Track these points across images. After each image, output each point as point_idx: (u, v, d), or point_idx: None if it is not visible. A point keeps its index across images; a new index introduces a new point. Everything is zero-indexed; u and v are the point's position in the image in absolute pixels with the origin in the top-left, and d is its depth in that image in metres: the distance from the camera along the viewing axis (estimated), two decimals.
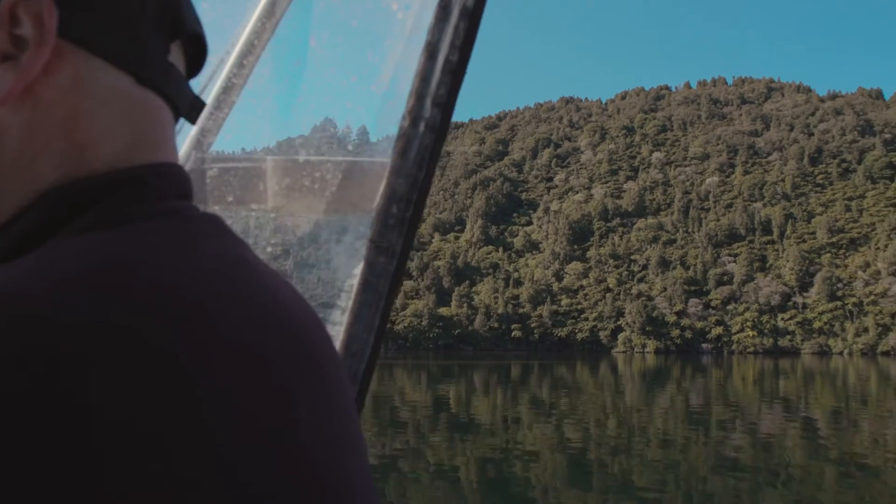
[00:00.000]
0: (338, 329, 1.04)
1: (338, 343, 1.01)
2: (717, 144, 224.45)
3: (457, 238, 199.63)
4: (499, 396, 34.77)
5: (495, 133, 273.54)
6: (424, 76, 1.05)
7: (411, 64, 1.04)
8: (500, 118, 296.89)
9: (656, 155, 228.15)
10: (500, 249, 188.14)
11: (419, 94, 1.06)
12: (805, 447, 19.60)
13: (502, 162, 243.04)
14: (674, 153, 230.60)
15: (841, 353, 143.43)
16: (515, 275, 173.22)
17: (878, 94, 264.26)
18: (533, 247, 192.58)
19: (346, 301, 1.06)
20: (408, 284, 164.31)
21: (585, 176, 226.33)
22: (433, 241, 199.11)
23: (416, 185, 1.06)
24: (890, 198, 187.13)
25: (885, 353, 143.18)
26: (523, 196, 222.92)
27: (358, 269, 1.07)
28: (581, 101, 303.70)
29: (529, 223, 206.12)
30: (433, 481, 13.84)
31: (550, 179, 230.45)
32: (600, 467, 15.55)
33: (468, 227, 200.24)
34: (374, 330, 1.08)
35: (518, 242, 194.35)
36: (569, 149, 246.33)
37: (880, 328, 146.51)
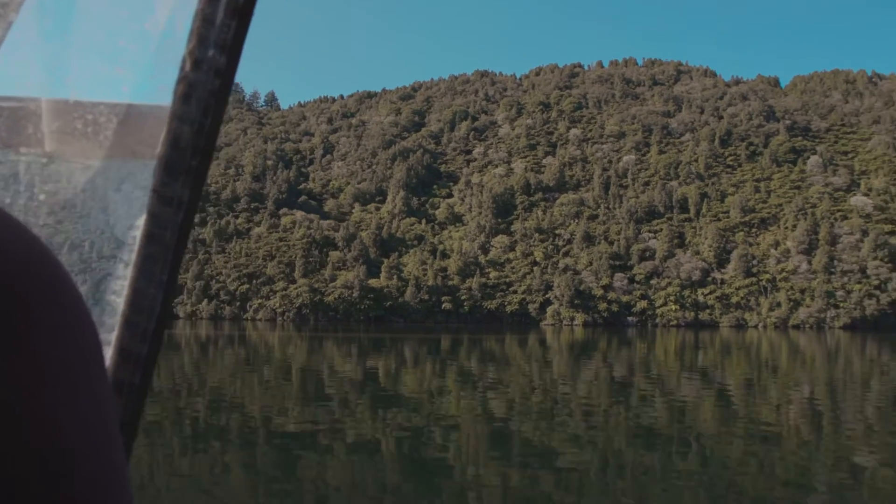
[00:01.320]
0: (121, 283, 0.93)
1: (122, 298, 0.93)
2: (633, 124, 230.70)
3: (378, 209, 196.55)
4: (427, 369, 34.68)
5: (411, 104, 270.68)
6: (206, 17, 0.94)
7: (191, 2, 0.93)
8: (414, 89, 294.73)
9: (573, 132, 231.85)
10: (423, 221, 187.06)
11: (201, 36, 0.94)
12: (718, 415, 20.14)
13: (420, 133, 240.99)
14: (590, 130, 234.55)
15: (756, 327, 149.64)
16: (441, 247, 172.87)
17: (776, 82, 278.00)
18: (456, 219, 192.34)
19: (129, 254, 0.94)
20: (334, 255, 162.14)
21: (504, 150, 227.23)
22: (353, 211, 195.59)
23: (203, 133, 0.95)
24: (794, 181, 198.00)
25: (796, 327, 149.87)
26: (442, 168, 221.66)
27: (140, 221, 0.93)
28: (496, 74, 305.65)
29: (450, 195, 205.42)
30: (351, 455, 13.60)
31: (469, 152, 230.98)
32: (522, 438, 15.59)
33: (389, 198, 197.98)
34: (162, 285, 0.96)
35: (440, 214, 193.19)
36: (486, 122, 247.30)
37: (791, 303, 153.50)
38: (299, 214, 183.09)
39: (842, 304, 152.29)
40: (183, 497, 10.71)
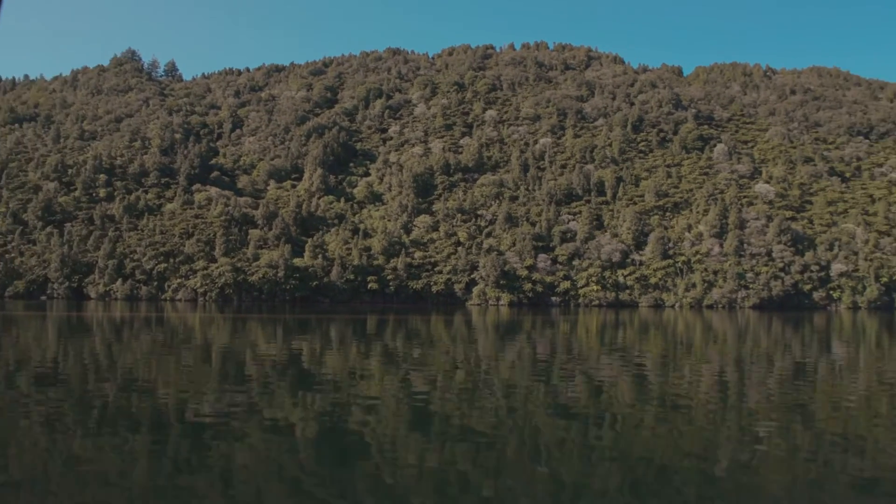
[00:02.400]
0: None
1: None
2: (547, 107, 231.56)
3: (294, 186, 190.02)
4: (352, 349, 34.21)
5: (322, 79, 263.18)
6: None
7: None
8: (325, 64, 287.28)
9: (489, 113, 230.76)
10: (343, 200, 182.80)
11: None
12: (634, 391, 20.51)
13: (333, 110, 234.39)
14: (506, 112, 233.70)
15: (673, 307, 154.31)
16: (361, 226, 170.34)
17: (679, 72, 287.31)
18: (376, 198, 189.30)
19: None
20: (254, 233, 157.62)
21: (420, 129, 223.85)
22: (269, 188, 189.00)
23: None
24: (702, 167, 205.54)
25: (710, 306, 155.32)
26: (358, 146, 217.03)
27: None
28: (409, 53, 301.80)
29: (367, 174, 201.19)
30: (266, 439, 13.20)
31: (385, 131, 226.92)
32: (442, 417, 15.50)
33: (306, 175, 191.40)
34: None
35: (359, 193, 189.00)
36: (400, 101, 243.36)
37: (706, 284, 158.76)
38: (214, 191, 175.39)
39: (751, 286, 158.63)
40: (83, 487, 10.14)
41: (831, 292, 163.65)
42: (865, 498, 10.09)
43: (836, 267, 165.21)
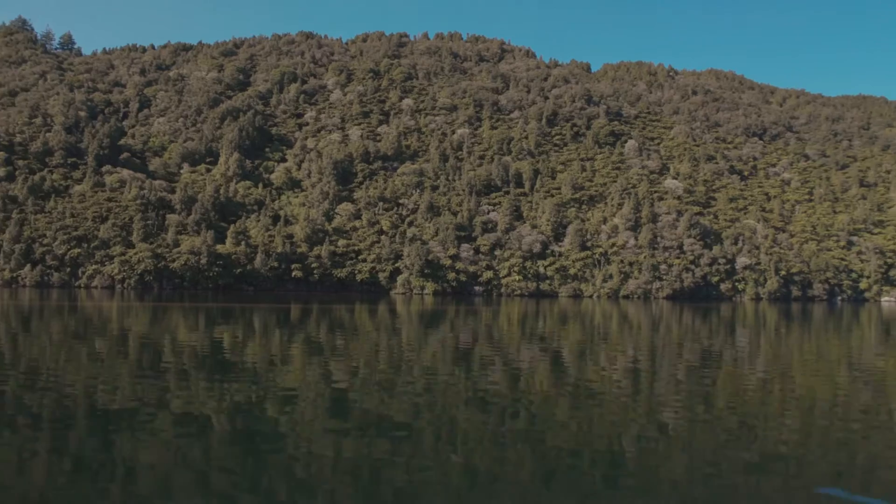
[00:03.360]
0: None
1: None
2: (464, 97, 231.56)
3: (209, 170, 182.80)
4: (274, 338, 33.48)
5: (233, 61, 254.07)
6: None
7: None
8: (236, 45, 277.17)
9: (406, 101, 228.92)
10: (260, 185, 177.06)
11: None
12: (550, 378, 20.69)
13: (246, 93, 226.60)
14: (423, 102, 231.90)
15: (591, 297, 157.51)
16: (281, 213, 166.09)
17: (588, 68, 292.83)
18: (294, 184, 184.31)
19: None
20: (172, 218, 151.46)
21: (337, 116, 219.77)
22: (182, 172, 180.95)
23: None
24: (615, 162, 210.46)
25: (626, 297, 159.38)
26: (273, 131, 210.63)
27: None
28: (322, 37, 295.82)
29: (284, 159, 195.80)
30: (177, 431, 12.66)
31: (300, 116, 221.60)
32: (361, 407, 15.26)
33: (222, 159, 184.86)
34: None
35: (277, 179, 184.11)
36: (315, 86, 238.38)
37: (622, 275, 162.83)
38: (126, 173, 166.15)
39: (664, 277, 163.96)
40: None
41: (736, 284, 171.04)
42: (755, 479, 10.51)
43: (741, 260, 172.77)
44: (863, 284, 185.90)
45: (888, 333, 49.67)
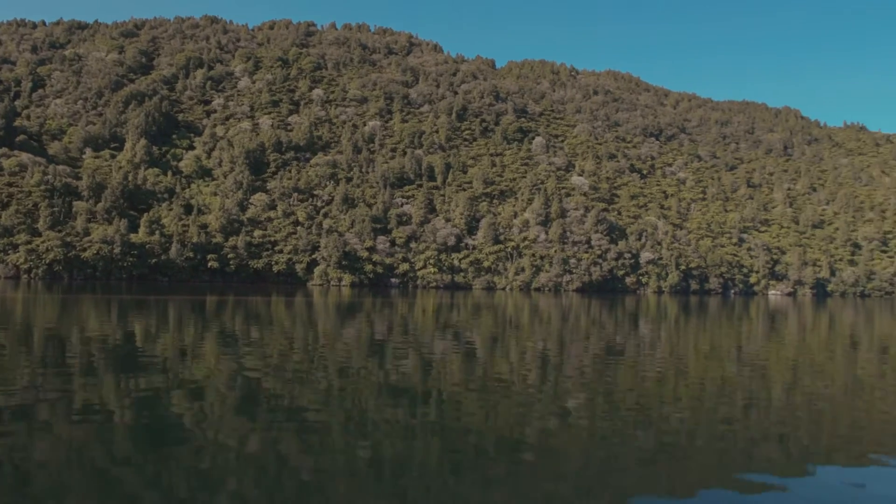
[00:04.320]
0: None
1: None
2: (374, 90, 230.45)
3: (114, 156, 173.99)
4: (187, 330, 32.33)
5: (135, 42, 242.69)
6: None
7: None
8: (137, 26, 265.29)
9: (316, 92, 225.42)
10: (169, 173, 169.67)
11: None
12: (462, 369, 20.75)
13: (150, 77, 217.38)
14: (333, 93, 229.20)
15: (504, 289, 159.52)
16: (193, 202, 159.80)
17: (493, 64, 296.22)
18: (205, 173, 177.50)
19: None
20: (80, 205, 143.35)
21: (246, 104, 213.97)
22: (85, 157, 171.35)
23: None
24: (523, 158, 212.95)
25: (538, 289, 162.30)
26: (180, 117, 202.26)
27: None
28: (228, 23, 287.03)
29: (192, 147, 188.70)
30: (76, 426, 11.98)
31: (208, 103, 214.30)
32: (271, 399, 14.90)
33: (128, 145, 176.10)
34: None
35: (187, 167, 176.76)
36: (223, 73, 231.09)
37: (534, 268, 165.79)
38: (25, 156, 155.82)
39: (574, 271, 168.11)
40: None
41: (640, 277, 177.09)
42: (647, 465, 10.84)
43: (644, 255, 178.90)
44: (752, 279, 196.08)
45: (773, 324, 52.40)
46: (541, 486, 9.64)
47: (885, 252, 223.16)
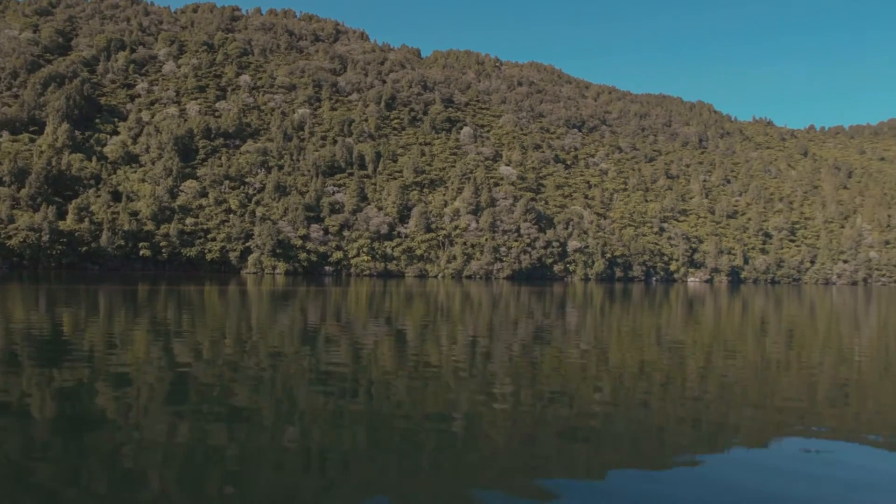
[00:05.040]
0: None
1: None
2: (302, 77, 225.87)
3: (33, 140, 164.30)
4: (118, 319, 31.16)
5: (50, 21, 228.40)
6: None
7: None
8: (52, 4, 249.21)
9: (244, 78, 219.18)
10: (94, 159, 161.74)
11: None
12: (392, 357, 20.70)
13: (69, 58, 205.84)
14: (260, 79, 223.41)
15: (436, 277, 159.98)
16: (121, 188, 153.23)
17: (418, 53, 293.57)
18: (132, 159, 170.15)
19: None
20: (4, 191, 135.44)
21: (172, 89, 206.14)
22: (1, 140, 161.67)
23: None
24: (452, 147, 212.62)
25: (469, 277, 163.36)
26: (103, 101, 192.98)
27: None
28: (150, 4, 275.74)
29: (117, 132, 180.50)
30: None
31: (132, 87, 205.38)
32: (200, 388, 14.50)
33: (49, 129, 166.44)
34: None
35: (112, 153, 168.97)
36: (146, 56, 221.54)
37: (465, 256, 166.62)
38: None
39: (505, 259, 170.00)
40: None
41: (568, 266, 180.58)
42: (566, 444, 11.08)
43: (572, 244, 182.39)
44: (673, 266, 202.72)
45: (690, 310, 54.29)
46: (464, 467, 9.73)
47: (793, 241, 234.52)
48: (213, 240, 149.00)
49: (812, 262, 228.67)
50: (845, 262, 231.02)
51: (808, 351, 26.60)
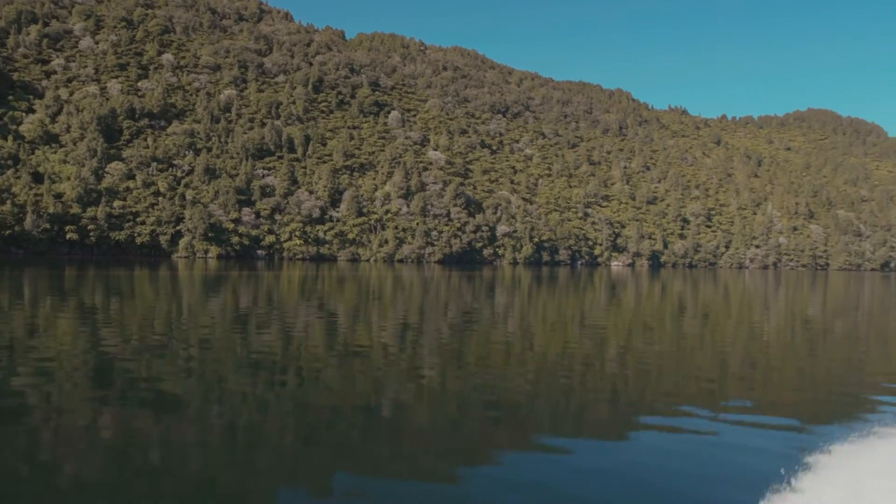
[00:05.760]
0: None
1: None
2: (227, 57, 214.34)
3: None
4: (43, 305, 29.77)
5: None
6: None
7: None
8: None
9: (167, 56, 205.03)
10: (10, 138, 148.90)
11: None
12: (324, 340, 20.57)
13: None
14: (184, 58, 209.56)
15: (368, 260, 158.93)
16: (41, 170, 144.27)
17: (343, 35, 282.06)
18: (51, 139, 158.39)
19: None
20: None
21: (91, 66, 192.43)
22: None
23: None
24: (380, 131, 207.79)
25: (401, 260, 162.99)
26: (15, 77, 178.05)
27: None
28: None
29: (32, 110, 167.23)
30: None
31: (46, 62, 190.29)
32: (127, 374, 14.05)
33: None
34: None
35: (29, 132, 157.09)
36: (60, 30, 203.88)
37: (397, 240, 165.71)
38: None
39: (436, 243, 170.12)
40: None
41: (497, 250, 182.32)
42: (490, 424, 11.22)
43: (500, 228, 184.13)
44: (597, 251, 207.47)
45: (613, 293, 55.86)
46: (389, 448, 9.76)
47: (709, 227, 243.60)
48: (143, 223, 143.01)
49: (727, 247, 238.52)
50: (757, 247, 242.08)
51: (722, 331, 27.84)
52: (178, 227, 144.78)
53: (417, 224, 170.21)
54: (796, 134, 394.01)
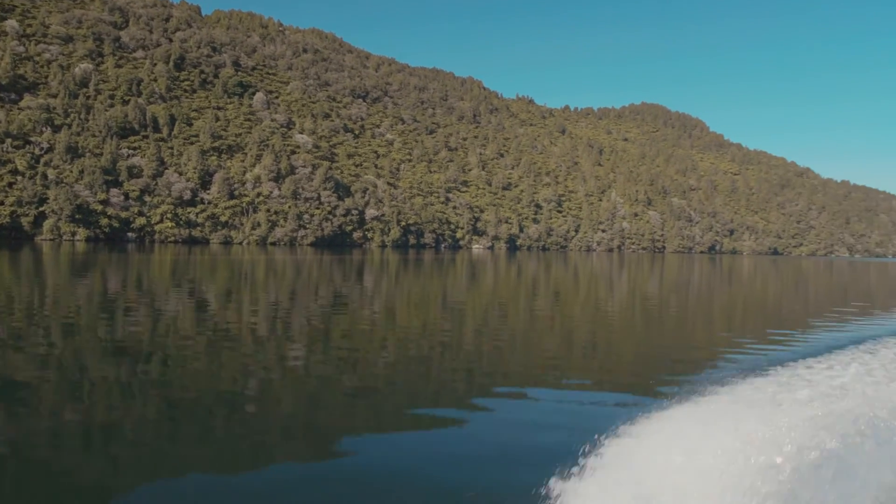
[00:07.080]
0: None
1: None
2: (80, 28, 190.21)
3: None
4: None
5: None
6: None
7: None
8: None
9: (10, 23, 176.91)
10: None
11: None
12: (191, 324, 19.77)
13: None
14: (31, 27, 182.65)
15: (241, 243, 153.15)
16: None
17: (198, 11, 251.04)
18: None
19: None
20: None
21: None
22: None
23: None
24: (246, 113, 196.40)
25: (273, 243, 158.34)
26: None
27: None
28: None
29: None
30: None
31: None
32: None
33: None
34: None
35: None
36: None
37: (270, 223, 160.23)
38: None
39: (308, 226, 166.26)
40: None
41: (367, 233, 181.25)
42: (350, 404, 11.31)
43: (369, 212, 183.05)
44: (459, 234, 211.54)
45: (473, 275, 57.45)
46: (252, 433, 9.51)
47: (560, 212, 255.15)
48: (2, 204, 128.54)
49: (576, 231, 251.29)
50: (603, 231, 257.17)
51: (570, 309, 29.47)
52: (41, 209, 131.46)
53: (289, 207, 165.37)
54: (632, 126, 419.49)
